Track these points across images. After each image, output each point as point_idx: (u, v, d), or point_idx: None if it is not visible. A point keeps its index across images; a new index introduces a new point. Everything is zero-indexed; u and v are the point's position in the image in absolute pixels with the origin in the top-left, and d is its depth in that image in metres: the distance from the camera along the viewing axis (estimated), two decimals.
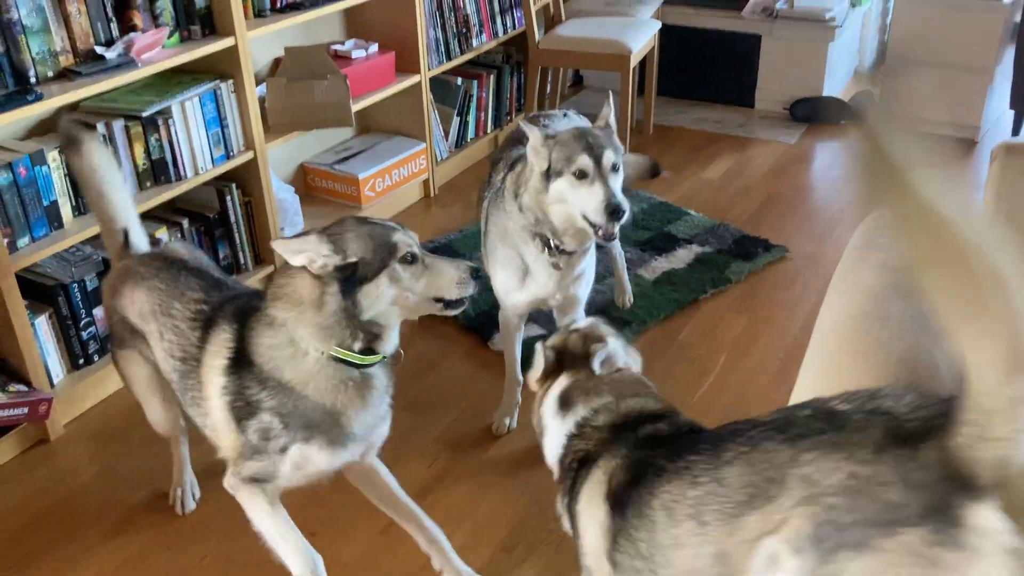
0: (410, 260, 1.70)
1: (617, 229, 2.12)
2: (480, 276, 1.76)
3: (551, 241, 2.21)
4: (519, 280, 2.34)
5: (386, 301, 1.69)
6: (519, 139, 2.50)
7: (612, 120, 2.24)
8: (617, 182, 2.13)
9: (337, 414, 1.74)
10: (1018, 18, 4.09)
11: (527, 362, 1.82)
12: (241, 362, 1.75)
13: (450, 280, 1.74)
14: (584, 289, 2.41)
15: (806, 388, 1.52)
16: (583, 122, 2.66)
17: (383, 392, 1.80)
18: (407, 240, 1.71)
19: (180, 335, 1.88)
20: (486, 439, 2.60)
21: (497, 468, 2.50)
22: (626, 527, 1.34)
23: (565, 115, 2.69)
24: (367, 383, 1.75)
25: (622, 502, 1.37)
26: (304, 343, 1.69)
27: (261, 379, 1.73)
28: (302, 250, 1.64)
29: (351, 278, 1.65)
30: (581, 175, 2.09)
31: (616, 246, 3.03)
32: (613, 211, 2.07)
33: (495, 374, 2.76)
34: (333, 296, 1.65)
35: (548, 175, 2.12)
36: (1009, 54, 4.27)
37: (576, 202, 2.11)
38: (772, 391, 2.75)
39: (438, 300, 1.75)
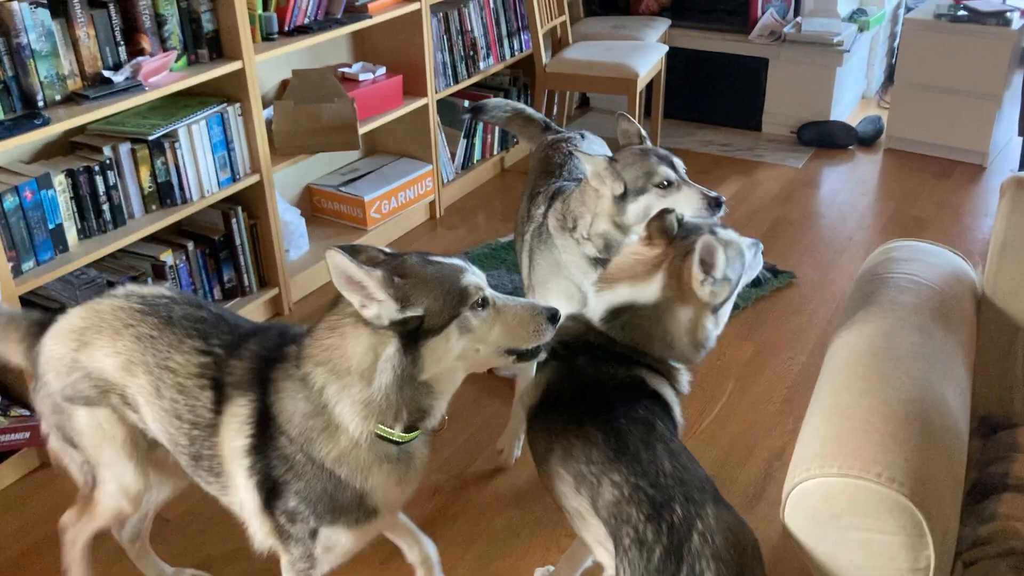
0: (481, 305, 1.46)
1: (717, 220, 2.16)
2: (559, 318, 1.53)
3: None
4: (578, 309, 2.34)
5: (452, 357, 1.46)
6: (550, 169, 2.51)
7: (643, 132, 2.28)
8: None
9: (368, 496, 1.55)
10: None
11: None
12: (266, 434, 1.53)
13: (527, 326, 1.49)
14: None
15: (816, 425, 1.50)
16: (599, 142, 2.70)
17: (421, 467, 1.61)
18: (477, 282, 1.47)
19: (186, 394, 1.61)
20: (490, 469, 2.57)
21: (500, 500, 2.47)
22: None
23: (583, 136, 2.69)
24: (406, 460, 1.56)
25: None
26: (343, 419, 1.47)
27: (288, 455, 1.52)
28: (358, 282, 1.38)
29: (414, 332, 1.41)
30: (667, 185, 2.12)
31: None
32: (714, 203, 2.12)
33: (502, 400, 2.75)
34: (388, 363, 1.42)
35: (625, 196, 2.13)
36: (1017, 80, 4.27)
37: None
38: (779, 420, 2.73)
39: (510, 352, 1.52)
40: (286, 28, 3.17)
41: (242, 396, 1.56)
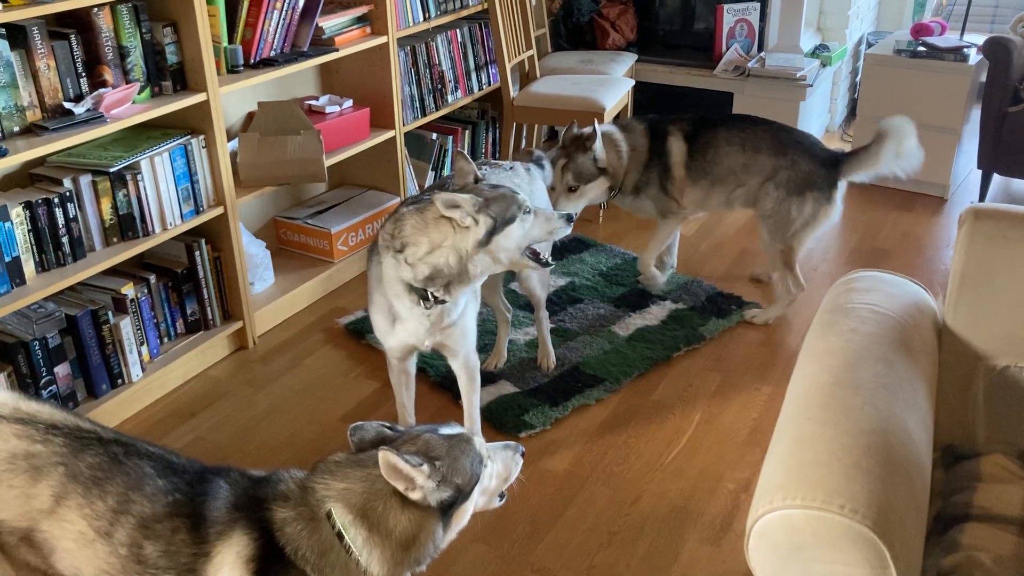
0: (488, 463, 1.70)
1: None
2: (522, 452, 1.77)
3: (432, 293, 2.25)
4: (390, 324, 2.39)
5: (471, 511, 1.67)
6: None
7: (479, 172, 2.36)
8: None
9: None
10: (983, 79, 4.17)
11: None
12: (270, 571, 1.54)
13: (509, 469, 1.74)
14: (463, 339, 2.46)
15: (778, 457, 1.50)
16: (526, 175, 2.74)
17: None
18: (483, 443, 1.69)
19: (158, 540, 1.55)
20: None
21: (466, 534, 2.43)
22: None
23: (511, 168, 2.71)
24: None
25: None
26: (370, 568, 1.55)
27: None
28: (408, 479, 1.52)
29: (451, 504, 1.58)
30: (527, 211, 2.23)
31: (542, 309, 3.07)
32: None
33: None
34: (428, 536, 1.57)
35: (493, 231, 2.18)
36: (975, 114, 4.35)
37: (523, 238, 2.24)
38: (746, 452, 2.72)
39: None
40: (252, 60, 3.17)
41: (241, 534, 1.55)
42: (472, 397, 2.60)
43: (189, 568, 1.54)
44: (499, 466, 1.71)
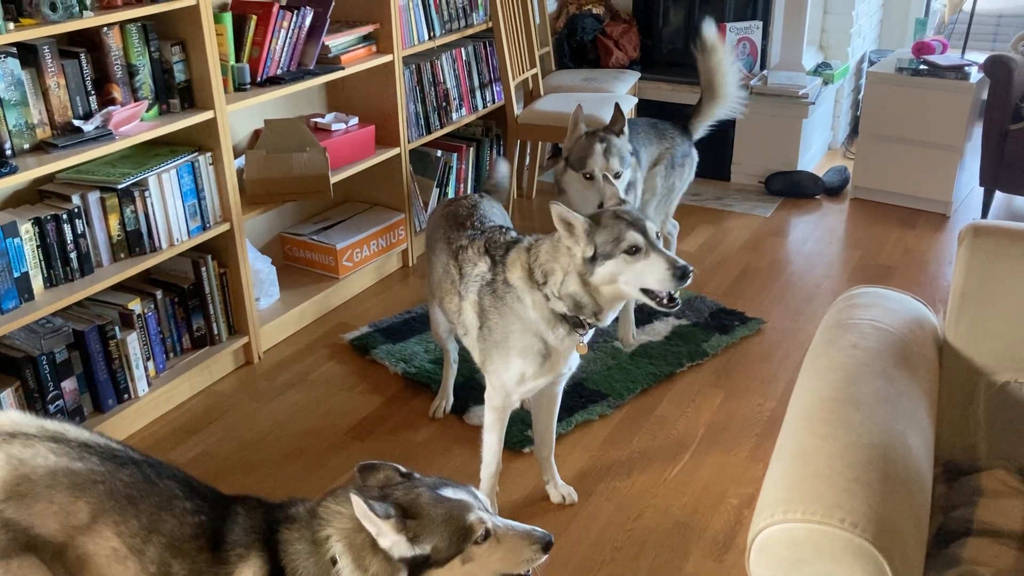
0: (483, 539, 1.60)
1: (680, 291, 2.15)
2: (550, 547, 1.65)
3: (585, 320, 2.20)
4: (539, 366, 2.30)
5: None
6: (460, 222, 2.50)
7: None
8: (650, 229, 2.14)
9: None
10: (985, 97, 4.19)
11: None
12: None
13: (522, 553, 1.63)
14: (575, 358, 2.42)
15: (780, 471, 1.51)
16: (497, 206, 2.69)
17: None
18: (482, 517, 1.61)
19: (185, 559, 1.61)
20: None
21: None
22: None
23: (482, 196, 2.69)
24: None
25: None
26: None
27: None
28: (376, 528, 1.54)
29: (422, 564, 1.56)
30: (635, 251, 2.09)
31: None
32: (680, 273, 2.08)
33: (472, 449, 2.73)
34: None
35: (595, 259, 2.11)
36: (977, 132, 4.37)
37: (633, 279, 2.11)
38: (749, 467, 2.73)
39: None
40: (258, 79, 3.20)
41: (257, 554, 1.61)
42: (555, 422, 2.60)
43: None
44: (505, 545, 1.62)
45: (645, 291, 2.13)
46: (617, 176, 2.97)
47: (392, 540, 1.55)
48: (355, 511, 1.54)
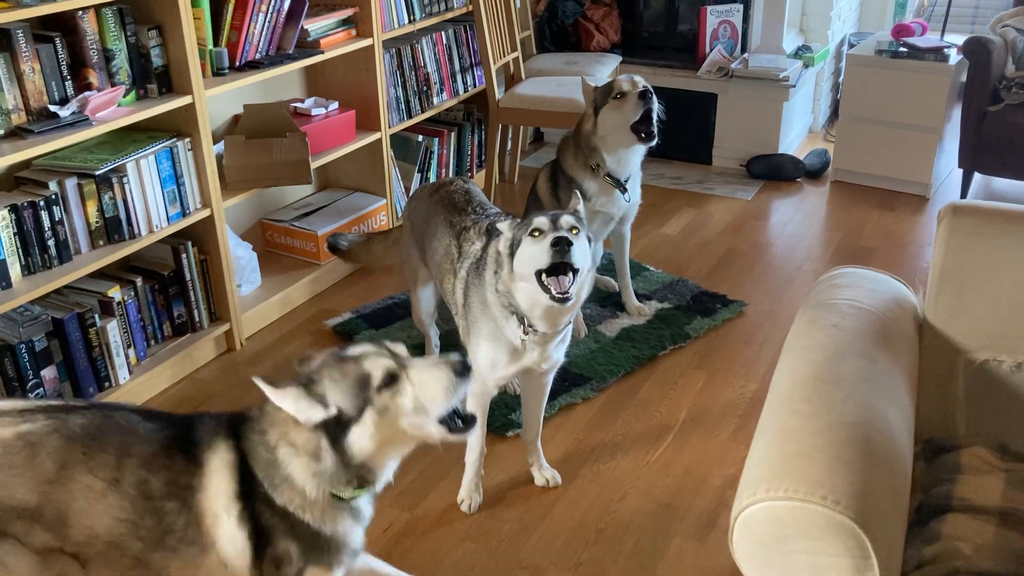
0: (389, 382, 1.58)
1: (569, 286, 2.05)
2: (468, 368, 1.63)
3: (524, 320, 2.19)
4: (508, 354, 2.27)
5: (379, 439, 1.60)
6: (457, 205, 2.53)
7: (580, 208, 2.23)
8: (578, 240, 2.07)
9: (336, 538, 1.71)
10: (964, 79, 4.21)
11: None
12: (248, 481, 1.66)
13: (440, 384, 1.60)
14: (563, 347, 2.38)
15: (762, 449, 1.52)
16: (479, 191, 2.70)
17: (365, 519, 1.79)
18: (379, 362, 1.59)
19: (161, 470, 1.66)
20: (443, 504, 2.55)
21: (454, 533, 2.45)
22: None
23: (465, 183, 2.69)
24: (354, 513, 1.74)
25: None
26: (297, 480, 1.64)
27: (268, 502, 1.66)
28: (280, 399, 1.58)
29: (338, 425, 1.58)
30: (537, 233, 2.07)
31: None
32: (556, 243, 2.01)
33: None
34: (327, 453, 1.61)
35: (512, 249, 2.12)
36: (957, 113, 4.40)
37: (529, 262, 2.07)
38: (732, 449, 2.75)
39: (442, 421, 1.63)
40: (237, 63, 3.17)
41: (223, 443, 1.68)
42: (543, 409, 2.60)
43: (189, 486, 1.65)
44: (417, 383, 1.59)
45: (540, 281, 2.08)
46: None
47: (295, 407, 1.58)
48: (265, 393, 1.59)
